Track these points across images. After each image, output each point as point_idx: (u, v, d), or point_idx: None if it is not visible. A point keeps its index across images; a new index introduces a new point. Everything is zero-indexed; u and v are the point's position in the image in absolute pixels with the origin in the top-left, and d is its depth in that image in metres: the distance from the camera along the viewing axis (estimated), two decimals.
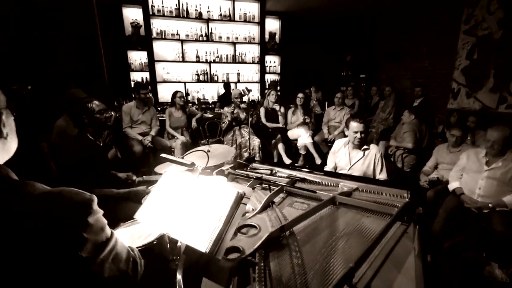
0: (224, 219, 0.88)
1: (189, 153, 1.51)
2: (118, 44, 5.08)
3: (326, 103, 5.26)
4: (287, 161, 3.93)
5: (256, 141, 3.60)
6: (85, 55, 3.38)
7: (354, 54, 6.41)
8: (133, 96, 3.47)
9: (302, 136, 4.00)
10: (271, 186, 1.62)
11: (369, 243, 1.00)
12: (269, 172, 1.87)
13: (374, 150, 2.33)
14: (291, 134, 4.22)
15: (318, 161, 3.89)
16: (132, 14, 5.19)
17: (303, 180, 1.72)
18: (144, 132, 3.41)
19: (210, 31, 5.34)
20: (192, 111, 4.16)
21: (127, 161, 3.05)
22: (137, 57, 5.32)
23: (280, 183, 1.58)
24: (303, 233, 1.16)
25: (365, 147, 2.34)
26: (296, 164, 4.12)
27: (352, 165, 2.37)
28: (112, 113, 2.45)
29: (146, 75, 5.36)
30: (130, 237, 1.18)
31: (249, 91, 2.80)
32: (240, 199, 0.92)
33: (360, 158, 2.33)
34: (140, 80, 5.38)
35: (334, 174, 1.83)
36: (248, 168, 2.00)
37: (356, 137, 2.32)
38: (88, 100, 1.75)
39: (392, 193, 1.50)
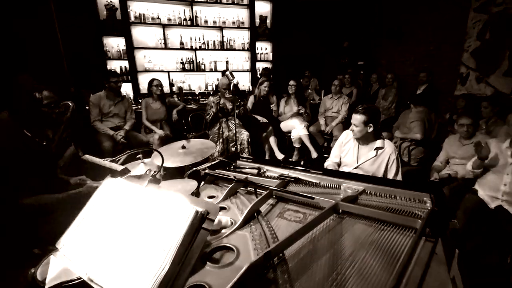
0: (172, 254, 0.55)
1: (129, 153, 1.16)
2: (92, 29, 4.60)
3: (323, 91, 4.92)
4: (280, 156, 3.61)
5: (244, 135, 3.25)
6: (39, 38, 2.94)
7: (352, 39, 6.05)
8: (105, 85, 3.05)
9: (296, 128, 3.67)
10: (257, 190, 1.30)
11: (392, 277, 0.69)
12: (256, 171, 1.55)
13: (389, 149, 1.99)
14: (284, 125, 3.88)
15: (314, 154, 3.58)
16: None
17: (297, 181, 1.41)
18: (116, 126, 3.02)
19: (194, 15, 4.91)
20: (172, 101, 3.76)
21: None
22: (114, 43, 4.85)
23: (269, 186, 1.26)
24: (297, 259, 0.85)
25: (378, 145, 2.00)
26: (290, 159, 3.81)
27: (359, 165, 2.05)
28: (70, 103, 2.07)
29: (125, 63, 4.92)
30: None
31: (233, 76, 2.45)
32: (199, 222, 0.60)
33: (371, 158, 2.00)
34: (118, 69, 4.93)
35: (335, 173, 1.52)
36: (232, 167, 1.67)
37: (353, 131, 2.02)
38: (34, 89, 1.38)
39: (408, 197, 1.20)
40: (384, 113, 4.30)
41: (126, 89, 4.98)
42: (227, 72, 2.45)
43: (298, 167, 1.53)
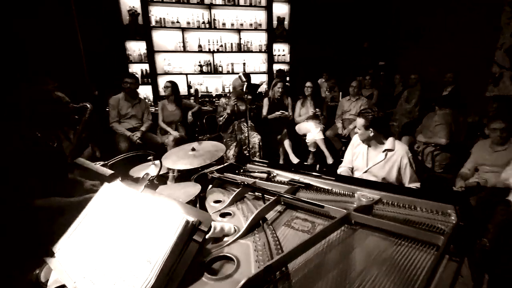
0: (159, 266, 0.51)
1: (122, 157, 1.15)
2: (116, 34, 4.79)
3: (341, 93, 4.76)
4: (295, 160, 3.51)
5: (256, 138, 3.20)
6: (60, 42, 3.08)
7: (372, 39, 5.83)
8: (123, 88, 3.14)
9: (311, 131, 3.56)
10: (265, 196, 1.24)
11: None
12: (265, 175, 1.49)
13: (400, 152, 1.87)
14: (299, 128, 3.79)
15: (330, 160, 3.45)
16: (129, 1, 4.88)
17: (307, 187, 1.33)
18: (134, 128, 3.09)
19: (212, 18, 4.97)
20: (188, 103, 3.79)
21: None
22: (135, 47, 5.02)
23: (277, 191, 1.20)
24: (301, 274, 0.78)
25: (386, 147, 1.89)
26: (305, 163, 3.70)
27: (369, 168, 1.94)
28: (88, 105, 2.13)
29: (146, 66, 5.06)
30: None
31: (246, 78, 2.41)
32: (189, 233, 0.56)
33: (380, 161, 1.89)
34: (139, 72, 5.09)
35: (348, 179, 1.43)
36: (242, 171, 1.62)
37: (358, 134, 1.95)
38: (49, 90, 1.43)
39: (430, 208, 1.09)
40: (406, 116, 4.07)
41: (146, 91, 5.14)
42: (240, 74, 2.42)
43: (310, 172, 1.46)
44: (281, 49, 5.53)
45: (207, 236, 0.89)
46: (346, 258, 0.84)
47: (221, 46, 5.20)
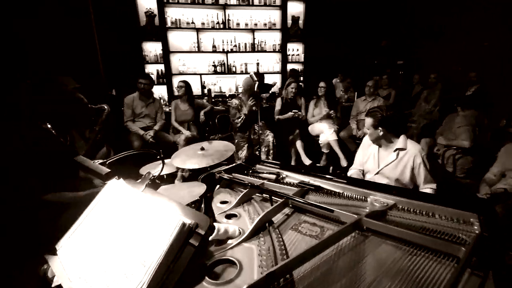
0: (153, 270, 0.49)
1: (122, 155, 1.14)
2: (133, 35, 4.90)
3: (356, 93, 4.63)
4: (307, 161, 3.44)
5: (269, 136, 3.16)
6: (77, 44, 3.20)
7: (390, 38, 5.64)
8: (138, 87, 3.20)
9: (325, 132, 3.48)
10: (273, 198, 1.21)
11: None
12: (274, 177, 1.45)
13: (413, 151, 1.78)
14: (312, 129, 3.71)
15: (344, 162, 3.35)
16: (146, 3, 4.99)
17: (317, 189, 1.28)
18: (147, 127, 3.14)
19: (227, 18, 4.98)
20: (200, 103, 3.81)
21: (123, 159, 2.79)
22: (152, 48, 5.12)
23: (285, 193, 1.16)
24: (307, 282, 0.74)
25: (398, 146, 1.80)
26: (317, 164, 3.62)
27: (381, 170, 1.86)
28: (105, 106, 2.18)
29: (161, 67, 5.15)
30: None
31: (257, 77, 2.38)
32: (186, 236, 0.53)
33: (392, 161, 1.81)
34: (155, 73, 5.19)
35: (361, 183, 1.36)
36: (250, 171, 1.59)
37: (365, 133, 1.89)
38: (71, 91, 1.47)
39: (450, 216, 1.00)
40: (426, 117, 3.88)
41: (162, 91, 5.23)
42: (251, 73, 2.39)
43: (320, 174, 1.40)
44: (295, 49, 5.46)
45: (210, 238, 0.87)
46: (356, 266, 0.79)
47: (235, 46, 5.20)
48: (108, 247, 0.59)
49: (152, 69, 5.24)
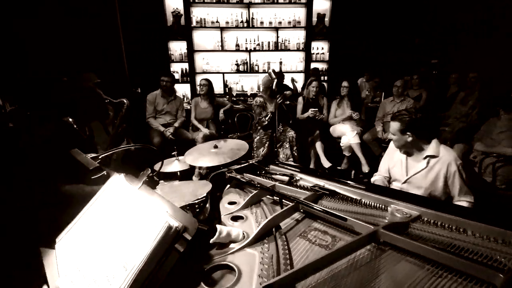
0: (133, 275, 0.45)
1: (120, 149, 1.12)
2: (160, 34, 5.05)
3: (383, 94, 4.37)
4: (326, 164, 3.31)
5: (291, 132, 3.10)
6: (104, 43, 3.36)
7: (423, 35, 5.27)
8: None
9: (347, 134, 3.31)
10: (283, 201, 1.14)
11: None
12: (287, 179, 1.38)
13: (446, 158, 1.60)
14: (334, 130, 3.55)
15: (366, 168, 3.17)
16: (173, 3, 5.11)
17: (332, 194, 1.19)
18: (168, 123, 3.21)
19: (251, 17, 4.96)
20: (220, 101, 3.82)
21: (143, 155, 2.87)
22: (177, 47, 5.23)
23: (296, 197, 1.09)
24: None
25: (429, 153, 1.63)
26: (338, 167, 3.46)
27: (409, 178, 1.70)
28: (125, 101, 2.24)
29: (186, 66, 5.26)
30: None
31: (276, 75, 2.31)
32: (171, 240, 0.48)
33: (421, 170, 1.64)
34: (180, 71, 5.30)
35: (381, 190, 1.25)
36: (263, 172, 1.53)
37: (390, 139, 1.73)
38: (91, 86, 1.52)
39: (486, 234, 0.87)
40: (462, 120, 3.55)
41: (186, 89, 5.33)
42: (270, 70, 2.33)
43: (337, 178, 1.31)
44: (320, 47, 5.30)
45: (211, 241, 0.83)
46: (368, 285, 0.70)
47: (258, 44, 5.17)
48: (96, 245, 0.57)
49: (177, 68, 5.36)
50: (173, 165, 1.73)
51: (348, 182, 1.26)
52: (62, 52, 3.24)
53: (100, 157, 0.81)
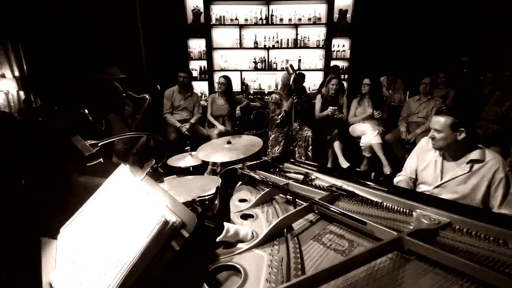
0: (124, 272, 0.41)
1: (117, 137, 1.07)
2: (180, 32, 5.11)
3: (408, 92, 4.14)
4: (345, 164, 3.17)
5: (308, 131, 3.00)
6: (124, 40, 3.45)
7: (452, 31, 4.93)
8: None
9: (367, 134, 3.16)
10: (297, 201, 1.07)
11: None
12: (302, 177, 1.30)
13: (493, 163, 1.43)
14: (353, 129, 3.40)
15: (387, 169, 3.00)
16: (193, 1, 5.15)
17: (350, 195, 1.10)
18: (184, 119, 3.22)
19: (270, 14, 4.89)
20: (237, 98, 3.80)
21: (159, 149, 2.89)
22: (196, 45, 5.27)
23: (311, 197, 1.02)
24: None
25: (474, 156, 1.46)
26: (357, 169, 3.32)
27: (444, 182, 1.55)
28: (147, 96, 2.26)
29: (204, 63, 5.28)
30: None
31: (293, 70, 2.23)
32: (167, 236, 0.44)
33: (462, 175, 1.49)
34: (198, 69, 5.34)
35: (406, 192, 1.14)
36: (277, 169, 1.47)
37: (433, 139, 1.53)
38: (106, 79, 1.53)
39: None
40: (496, 122, 3.27)
41: (203, 87, 5.36)
42: (287, 65, 2.25)
43: (356, 179, 1.22)
44: (341, 44, 5.12)
45: (218, 239, 0.78)
46: None
47: (277, 42, 5.09)
48: (93, 238, 0.54)
49: (196, 66, 5.41)
50: (185, 160, 1.71)
51: (368, 183, 1.17)
52: (85, 49, 3.37)
53: (99, 144, 0.79)
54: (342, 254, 0.79)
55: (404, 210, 0.99)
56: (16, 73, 5.20)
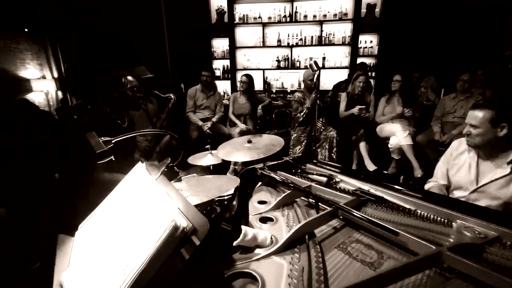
0: (131, 280, 0.38)
1: (133, 134, 1.06)
2: (204, 32, 5.18)
3: (443, 90, 3.84)
4: (371, 166, 3.00)
5: (333, 132, 2.89)
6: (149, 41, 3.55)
7: (490, 23, 4.50)
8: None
9: (397, 134, 2.96)
10: (320, 204, 1.01)
11: None
12: (325, 179, 1.23)
13: None
14: (381, 130, 3.21)
15: (419, 172, 2.79)
16: (217, 1, 5.18)
17: (379, 201, 1.02)
18: (206, 118, 3.25)
19: (294, 11, 4.79)
20: (259, 97, 3.75)
21: (181, 147, 2.93)
22: (219, 44, 5.31)
23: (336, 201, 0.95)
24: None
25: None
26: (384, 171, 3.13)
27: (480, 186, 1.40)
28: (172, 96, 2.30)
29: (227, 62, 5.31)
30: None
31: (317, 67, 2.13)
32: (177, 243, 0.40)
33: (503, 176, 1.34)
34: (221, 68, 5.38)
35: (444, 200, 1.03)
36: (299, 170, 1.41)
37: (469, 135, 1.40)
38: (122, 73, 1.56)
39: None
40: None
41: (226, 86, 5.39)
42: (311, 62, 2.16)
43: (386, 183, 1.12)
44: (368, 41, 4.89)
45: (235, 243, 0.74)
46: None
47: (301, 39, 4.98)
48: (104, 240, 0.52)
49: (219, 65, 5.45)
50: (206, 159, 1.70)
51: (400, 188, 1.07)
52: (116, 50, 3.52)
53: (113, 142, 0.78)
54: (370, 266, 0.72)
55: (442, 219, 0.88)
56: (55, 74, 5.59)
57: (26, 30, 4.82)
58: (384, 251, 0.77)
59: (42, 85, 5.19)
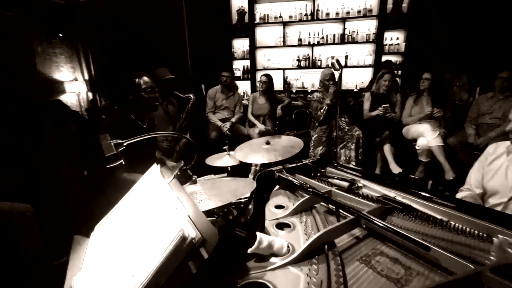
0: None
1: (148, 135, 1.05)
2: (224, 33, 5.21)
3: (478, 89, 3.55)
4: (396, 169, 2.83)
5: (358, 132, 2.78)
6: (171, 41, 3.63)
7: None
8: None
9: (425, 136, 2.77)
10: (340, 212, 0.95)
11: None
12: (347, 184, 1.16)
13: None
14: (408, 131, 3.02)
15: (450, 174, 2.59)
16: (238, 1, 5.20)
17: (406, 210, 0.94)
18: (225, 118, 3.26)
19: (316, 9, 4.68)
20: (278, 97, 3.70)
21: (200, 147, 2.97)
22: (240, 45, 5.32)
23: (358, 208, 0.89)
24: None
25: None
26: (411, 175, 2.94)
27: None
28: (192, 96, 2.33)
29: (247, 63, 5.30)
30: None
31: (340, 66, 2.04)
32: (185, 255, 0.38)
33: None
34: (241, 68, 5.38)
35: (484, 211, 0.93)
36: (319, 174, 1.35)
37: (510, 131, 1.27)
38: (136, 75, 1.59)
39: None
40: None
41: (246, 86, 5.39)
42: (333, 60, 2.08)
43: (413, 190, 1.04)
44: (394, 38, 4.66)
45: (249, 251, 0.71)
46: None
47: (322, 38, 4.86)
48: (115, 245, 0.51)
49: (239, 65, 5.46)
50: (223, 160, 1.68)
51: (430, 196, 0.98)
52: (139, 51, 3.65)
53: (124, 144, 0.78)
54: (396, 283, 0.65)
55: (480, 233, 0.79)
56: (86, 76, 5.91)
57: (61, 35, 5.14)
58: (412, 267, 0.70)
59: (74, 86, 5.52)
